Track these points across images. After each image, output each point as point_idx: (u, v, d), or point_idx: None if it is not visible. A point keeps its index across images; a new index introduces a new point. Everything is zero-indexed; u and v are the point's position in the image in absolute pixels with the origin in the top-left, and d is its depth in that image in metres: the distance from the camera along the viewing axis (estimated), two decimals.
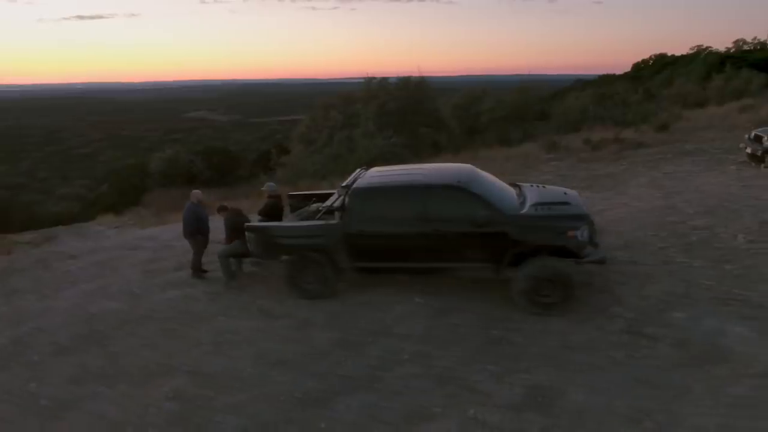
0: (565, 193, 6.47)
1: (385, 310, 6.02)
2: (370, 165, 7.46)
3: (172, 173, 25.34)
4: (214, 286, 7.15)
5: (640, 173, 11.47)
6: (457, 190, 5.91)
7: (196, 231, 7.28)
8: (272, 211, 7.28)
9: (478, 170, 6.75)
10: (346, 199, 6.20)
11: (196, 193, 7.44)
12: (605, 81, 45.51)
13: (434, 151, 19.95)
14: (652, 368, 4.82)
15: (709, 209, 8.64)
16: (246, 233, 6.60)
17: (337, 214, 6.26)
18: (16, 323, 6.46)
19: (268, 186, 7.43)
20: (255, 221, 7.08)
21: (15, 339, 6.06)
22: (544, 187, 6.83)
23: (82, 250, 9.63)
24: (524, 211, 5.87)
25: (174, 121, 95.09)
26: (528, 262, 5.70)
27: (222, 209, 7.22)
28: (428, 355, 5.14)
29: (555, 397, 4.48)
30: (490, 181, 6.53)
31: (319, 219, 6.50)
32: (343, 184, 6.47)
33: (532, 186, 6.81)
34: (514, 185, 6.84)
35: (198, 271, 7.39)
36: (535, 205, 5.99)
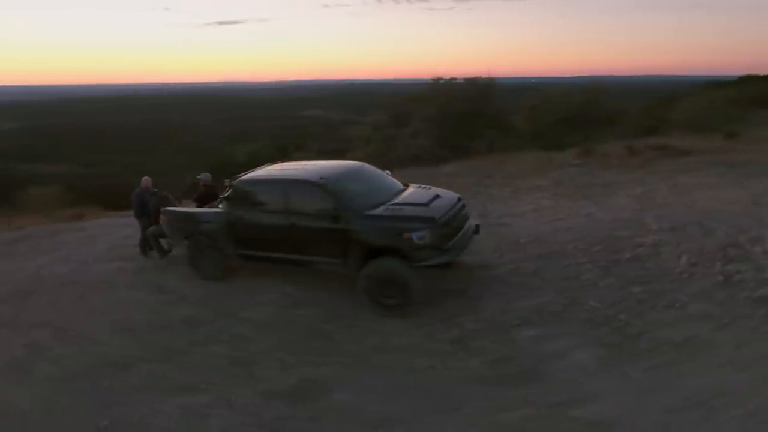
0: (437, 196, 6.22)
1: (252, 296, 6.37)
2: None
3: (252, 165, 27.68)
4: (151, 262, 8.04)
5: (645, 183, 10.28)
6: (315, 186, 6.03)
7: (141, 213, 8.22)
8: (205, 199, 7.94)
9: (367, 169, 6.78)
10: (231, 190, 6.66)
11: (146, 179, 8.37)
12: (746, 81, 39.36)
13: (483, 152, 19.46)
14: (443, 380, 4.61)
15: (678, 226, 7.59)
16: (161, 216, 7.37)
17: (224, 203, 6.74)
18: None
19: (204, 176, 8.09)
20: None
21: None
22: (428, 188, 6.62)
23: (98, 226, 11.24)
24: (374, 211, 5.82)
25: (291, 118, 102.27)
26: (370, 262, 5.68)
27: (154, 194, 8.07)
28: (246, 339, 5.42)
29: (320, 392, 4.53)
30: (371, 181, 6.50)
31: (216, 207, 7.03)
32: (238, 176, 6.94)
33: (418, 187, 6.64)
34: (405, 185, 6.73)
35: (144, 248, 8.34)
36: (392, 205, 5.91)
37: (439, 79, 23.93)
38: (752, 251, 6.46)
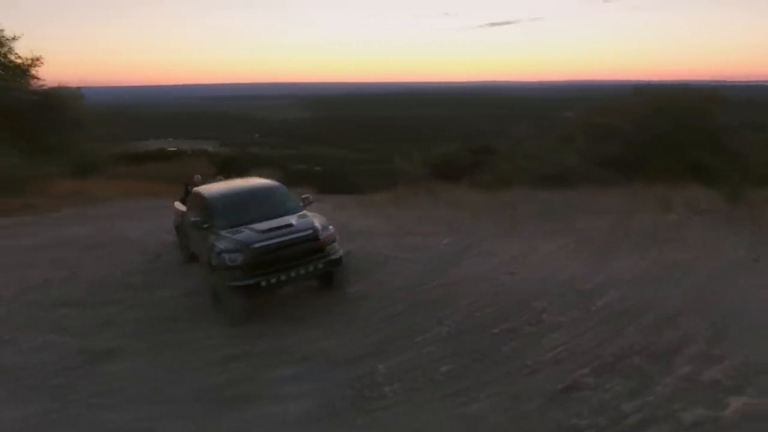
0: (290, 224, 6.37)
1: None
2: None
3: (444, 167, 28.75)
4: None
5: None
6: (203, 199, 7.00)
7: None
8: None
9: (270, 191, 7.29)
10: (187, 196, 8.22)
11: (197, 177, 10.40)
12: None
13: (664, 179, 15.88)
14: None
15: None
16: None
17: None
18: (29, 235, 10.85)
19: (195, 177, 9.65)
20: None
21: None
22: (304, 216, 6.73)
23: None
24: (222, 231, 6.43)
25: (547, 119, 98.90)
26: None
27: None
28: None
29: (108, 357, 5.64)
30: (261, 203, 6.96)
31: None
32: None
33: (298, 216, 6.79)
34: (303, 215, 6.93)
35: None
36: (241, 228, 6.40)
37: (646, 83, 20.53)
38: None
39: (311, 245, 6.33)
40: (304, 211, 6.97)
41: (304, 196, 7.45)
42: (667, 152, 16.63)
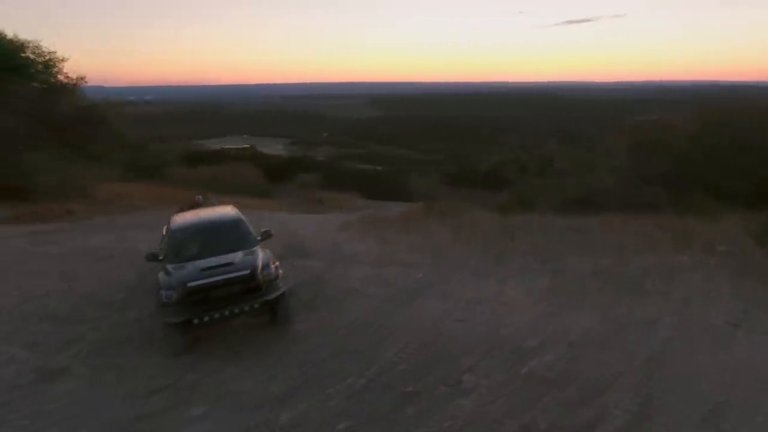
0: (230, 263, 6.55)
1: None
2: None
3: (494, 175, 28.06)
4: None
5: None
6: (168, 230, 7.37)
7: None
8: None
9: (228, 223, 7.51)
10: None
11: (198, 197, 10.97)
12: None
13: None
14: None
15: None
16: None
17: None
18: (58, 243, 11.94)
19: (196, 198, 10.10)
20: None
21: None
22: (251, 254, 6.87)
23: None
24: (169, 264, 6.75)
25: (622, 122, 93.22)
26: None
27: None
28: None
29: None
30: (217, 237, 7.20)
31: None
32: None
33: (244, 253, 6.96)
34: (250, 252, 7.09)
35: None
36: (186, 263, 6.67)
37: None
38: None
39: (247, 285, 6.48)
40: (256, 247, 7.12)
41: (263, 230, 7.61)
42: (725, 173, 15.02)
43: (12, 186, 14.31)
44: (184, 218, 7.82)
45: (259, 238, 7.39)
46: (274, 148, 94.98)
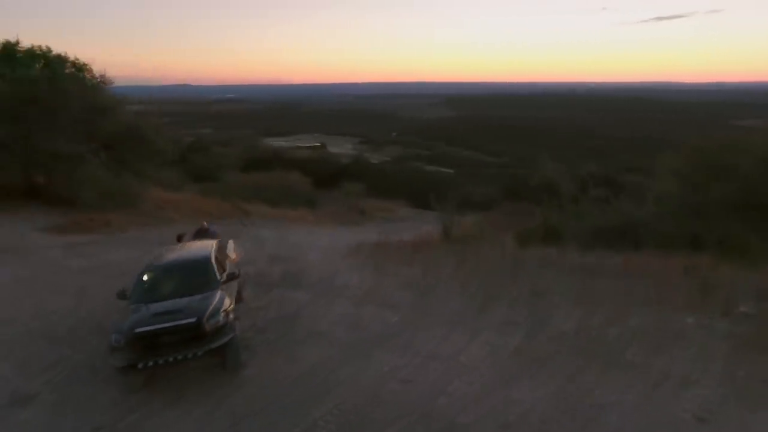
0: (180, 310, 6.77)
1: None
2: None
3: (536, 192, 26.96)
4: None
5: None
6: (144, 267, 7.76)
7: None
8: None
9: (197, 266, 7.71)
10: None
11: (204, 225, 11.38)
12: None
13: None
14: None
15: None
16: None
17: None
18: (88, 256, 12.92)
19: (203, 225, 10.52)
20: None
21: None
22: (207, 298, 7.02)
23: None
24: (133, 304, 7.07)
25: (715, 128, 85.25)
26: None
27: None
28: None
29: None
30: (183, 277, 7.48)
31: None
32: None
33: (201, 296, 7.13)
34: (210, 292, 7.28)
35: None
36: (143, 304, 6.98)
37: None
38: None
39: (192, 333, 6.65)
40: (215, 291, 7.28)
41: (229, 272, 7.78)
42: None
43: (65, 195, 15.74)
44: (158, 256, 8.19)
45: (223, 278, 7.56)
46: (344, 146, 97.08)
